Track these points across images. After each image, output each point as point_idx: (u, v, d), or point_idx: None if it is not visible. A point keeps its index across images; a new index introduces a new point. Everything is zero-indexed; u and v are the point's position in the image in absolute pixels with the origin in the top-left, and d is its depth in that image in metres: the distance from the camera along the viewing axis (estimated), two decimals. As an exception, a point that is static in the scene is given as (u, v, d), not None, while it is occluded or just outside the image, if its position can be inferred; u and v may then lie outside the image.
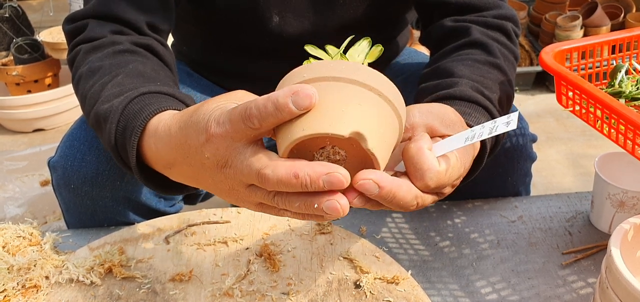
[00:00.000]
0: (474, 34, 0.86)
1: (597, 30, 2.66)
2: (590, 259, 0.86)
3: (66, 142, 0.93)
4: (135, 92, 0.68)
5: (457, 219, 0.96)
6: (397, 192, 0.51)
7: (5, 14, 2.72)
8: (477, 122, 0.69)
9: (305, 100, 0.47)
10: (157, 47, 0.84)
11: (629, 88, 0.79)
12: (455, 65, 0.80)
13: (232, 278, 0.77)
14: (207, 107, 0.53)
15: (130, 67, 0.75)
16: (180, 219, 0.90)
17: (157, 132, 0.61)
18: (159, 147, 0.60)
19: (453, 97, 0.73)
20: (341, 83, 0.49)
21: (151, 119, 0.63)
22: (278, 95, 0.47)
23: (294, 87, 0.47)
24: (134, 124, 0.63)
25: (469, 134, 0.54)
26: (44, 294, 0.75)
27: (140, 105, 0.65)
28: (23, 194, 1.97)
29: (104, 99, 0.70)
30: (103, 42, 0.81)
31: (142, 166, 0.65)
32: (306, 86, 0.47)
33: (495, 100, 0.76)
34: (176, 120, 0.58)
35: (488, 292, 0.81)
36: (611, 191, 0.88)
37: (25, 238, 0.85)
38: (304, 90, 0.47)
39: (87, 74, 0.77)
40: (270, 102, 0.48)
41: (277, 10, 0.95)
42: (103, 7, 0.84)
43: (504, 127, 0.51)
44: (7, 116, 2.50)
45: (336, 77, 0.49)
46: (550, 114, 2.52)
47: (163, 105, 0.64)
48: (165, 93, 0.69)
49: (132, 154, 0.63)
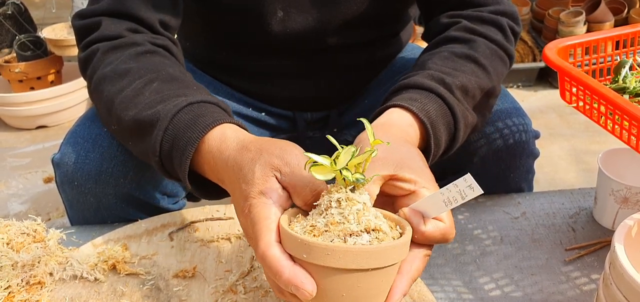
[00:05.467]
0: (460, 30, 0.88)
1: (601, 26, 2.65)
2: (594, 255, 0.86)
3: (70, 139, 0.93)
4: (183, 100, 0.70)
5: (460, 216, 0.96)
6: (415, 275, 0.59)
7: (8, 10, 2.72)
8: (421, 107, 0.73)
9: (303, 296, 0.52)
10: (172, 48, 0.85)
11: (633, 84, 0.78)
12: (430, 58, 0.83)
13: (236, 274, 0.77)
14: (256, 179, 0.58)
15: (163, 72, 0.77)
16: (184, 215, 0.91)
17: (220, 149, 0.65)
18: (218, 163, 0.64)
19: (407, 86, 0.77)
20: (339, 273, 0.52)
21: (210, 132, 0.66)
22: (281, 275, 0.52)
23: (296, 280, 0.52)
24: (189, 135, 0.67)
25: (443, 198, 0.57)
26: (48, 290, 0.75)
27: (192, 116, 0.68)
28: (27, 190, 1.97)
29: (144, 105, 0.72)
30: (122, 42, 0.81)
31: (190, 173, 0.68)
32: (306, 285, 0.52)
33: (455, 87, 0.78)
34: (234, 156, 0.62)
35: (491, 289, 0.80)
36: (615, 187, 0.87)
37: (29, 235, 0.85)
38: (303, 291, 0.52)
39: (112, 76, 0.78)
40: (274, 267, 0.53)
41: (281, 6, 0.94)
42: (118, 4, 0.85)
43: (470, 190, 0.54)
44: (10, 113, 2.51)
45: (334, 267, 0.51)
46: (553, 110, 2.52)
47: (217, 117, 0.68)
48: (211, 102, 0.72)
49: (186, 163, 0.66)
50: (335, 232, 0.53)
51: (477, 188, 0.53)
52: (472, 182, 0.53)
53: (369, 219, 0.54)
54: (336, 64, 1.05)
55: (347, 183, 0.55)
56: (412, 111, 0.72)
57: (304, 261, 0.52)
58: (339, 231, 0.53)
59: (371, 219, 0.54)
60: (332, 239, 0.52)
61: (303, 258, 0.52)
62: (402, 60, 1.14)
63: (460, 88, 0.78)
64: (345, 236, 0.53)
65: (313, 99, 1.09)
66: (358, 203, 0.55)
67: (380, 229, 0.54)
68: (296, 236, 0.53)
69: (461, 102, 0.78)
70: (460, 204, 0.55)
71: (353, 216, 0.54)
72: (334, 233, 0.53)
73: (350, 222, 0.53)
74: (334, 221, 0.53)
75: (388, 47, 1.12)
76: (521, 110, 1.00)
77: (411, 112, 0.73)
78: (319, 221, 0.54)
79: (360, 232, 0.53)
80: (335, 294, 0.53)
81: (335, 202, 0.54)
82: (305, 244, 0.52)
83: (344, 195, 0.55)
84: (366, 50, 1.07)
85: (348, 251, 0.51)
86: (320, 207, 0.56)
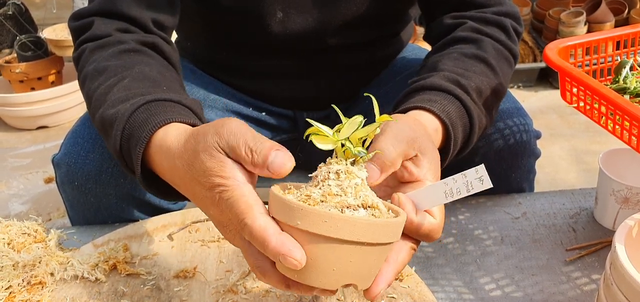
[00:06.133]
0: (467, 30, 0.87)
1: (601, 27, 2.65)
2: (594, 255, 0.86)
3: (70, 140, 0.93)
4: (142, 99, 0.68)
5: (460, 216, 0.96)
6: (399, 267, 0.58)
7: (9, 11, 2.73)
8: (442, 109, 0.72)
9: (291, 264, 0.49)
10: (162, 45, 0.84)
11: (634, 84, 0.78)
12: (440, 60, 0.82)
13: (236, 275, 0.77)
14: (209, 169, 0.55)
15: (136, 69, 0.75)
16: (184, 215, 0.91)
17: (161, 149, 0.62)
18: (164, 164, 0.62)
19: (423, 87, 0.76)
20: (334, 244, 0.50)
21: (157, 131, 0.64)
22: (268, 244, 0.50)
23: (284, 248, 0.49)
24: (139, 134, 0.64)
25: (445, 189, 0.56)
26: (48, 290, 0.75)
27: (146, 115, 0.66)
28: (27, 191, 1.97)
29: (109, 103, 0.71)
30: (108, 40, 0.81)
31: (146, 172, 0.66)
32: (294, 252, 0.49)
33: (471, 89, 0.77)
34: (179, 154, 0.59)
35: (492, 289, 0.80)
36: (615, 187, 0.87)
37: (30, 235, 0.85)
38: (291, 259, 0.49)
39: (92, 73, 0.77)
40: (261, 238, 0.50)
41: (281, 7, 0.95)
42: (109, 4, 0.84)
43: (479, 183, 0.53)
44: (11, 113, 2.51)
45: (330, 237, 0.49)
46: (554, 110, 2.52)
47: (169, 116, 0.65)
48: (172, 100, 0.69)
49: (138, 163, 0.64)
50: (332, 204, 0.51)
51: (487, 181, 0.52)
52: (484, 174, 0.52)
53: (366, 194, 0.53)
54: (336, 64, 1.05)
55: (348, 155, 0.54)
56: (434, 112, 0.71)
57: (296, 229, 0.50)
58: (335, 203, 0.51)
59: (369, 195, 0.53)
60: (328, 209, 0.51)
61: (297, 225, 0.50)
62: (403, 60, 1.14)
63: (475, 90, 0.78)
64: (342, 207, 0.51)
65: (313, 99, 1.09)
66: (357, 177, 0.53)
67: (377, 206, 0.53)
68: (292, 201, 0.51)
69: (477, 104, 0.78)
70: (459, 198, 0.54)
71: (351, 190, 0.52)
72: (331, 204, 0.51)
73: (348, 195, 0.52)
74: (331, 192, 0.52)
75: (388, 47, 1.12)
76: (522, 110, 1.00)
77: (433, 113, 0.71)
78: (315, 192, 0.52)
79: (357, 206, 0.52)
80: (325, 267, 0.51)
81: (334, 174, 0.53)
82: (302, 210, 0.50)
83: (344, 167, 0.53)
84: (366, 51, 1.07)
85: (347, 220, 0.49)
86: (316, 178, 0.54)
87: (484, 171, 0.52)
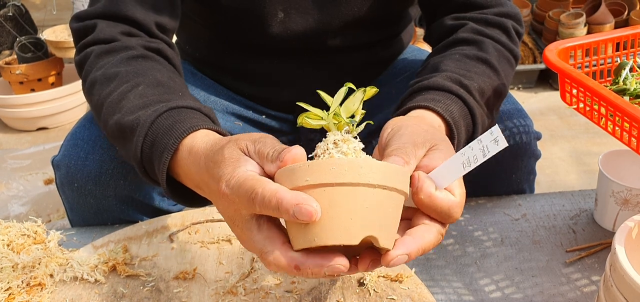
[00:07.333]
0: (468, 31, 0.87)
1: (601, 28, 2.65)
2: (594, 257, 0.86)
3: (70, 141, 0.93)
4: (164, 106, 0.69)
5: (460, 217, 0.96)
6: (425, 246, 0.55)
7: (9, 12, 2.73)
8: (445, 108, 0.72)
9: (306, 216, 0.49)
10: (167, 51, 0.84)
11: (634, 85, 0.78)
12: (442, 61, 0.82)
13: (236, 276, 0.77)
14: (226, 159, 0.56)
15: (149, 76, 0.76)
16: (184, 217, 0.91)
17: (191, 154, 0.63)
18: (192, 170, 0.63)
19: (427, 87, 0.76)
20: (346, 188, 0.50)
21: (185, 139, 0.65)
22: (282, 200, 0.50)
23: (298, 198, 0.49)
24: (166, 141, 0.65)
25: (463, 159, 0.55)
26: (48, 292, 0.75)
27: (170, 122, 0.67)
28: (27, 192, 1.97)
29: (126, 110, 0.71)
30: (115, 46, 0.81)
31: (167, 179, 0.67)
32: (309, 201, 0.49)
33: (473, 89, 0.77)
34: (204, 154, 0.61)
35: (492, 290, 0.80)
36: (615, 188, 0.87)
37: (30, 236, 0.85)
38: (307, 206, 0.49)
39: (101, 79, 0.77)
40: (274, 199, 0.50)
41: (281, 8, 0.95)
42: (113, 6, 0.84)
43: (494, 145, 0.52)
44: (11, 115, 2.51)
45: (340, 182, 0.50)
46: (554, 112, 2.52)
47: (195, 123, 0.66)
48: (192, 107, 0.70)
49: (164, 170, 0.65)
50: None
51: (502, 141, 0.51)
52: (499, 134, 0.51)
53: (368, 156, 0.54)
54: (337, 65, 1.05)
55: (340, 126, 0.55)
56: (438, 112, 0.72)
57: (306, 188, 0.50)
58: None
59: (370, 157, 0.54)
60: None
61: (306, 182, 0.50)
62: (403, 61, 1.14)
63: (478, 90, 0.78)
64: None
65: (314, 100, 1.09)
66: (354, 142, 0.54)
67: None
68: (297, 165, 0.51)
69: (480, 105, 0.78)
70: (479, 165, 0.53)
71: (352, 153, 0.53)
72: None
73: (350, 155, 0.53)
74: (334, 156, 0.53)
75: (389, 48, 1.12)
76: (523, 111, 1.00)
77: (436, 112, 0.72)
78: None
79: None
80: (343, 217, 0.50)
81: (332, 144, 0.54)
82: (309, 167, 0.50)
83: (340, 136, 0.55)
84: (367, 52, 1.07)
85: (353, 161, 0.50)
86: (316, 154, 0.55)
87: (499, 132, 0.52)
